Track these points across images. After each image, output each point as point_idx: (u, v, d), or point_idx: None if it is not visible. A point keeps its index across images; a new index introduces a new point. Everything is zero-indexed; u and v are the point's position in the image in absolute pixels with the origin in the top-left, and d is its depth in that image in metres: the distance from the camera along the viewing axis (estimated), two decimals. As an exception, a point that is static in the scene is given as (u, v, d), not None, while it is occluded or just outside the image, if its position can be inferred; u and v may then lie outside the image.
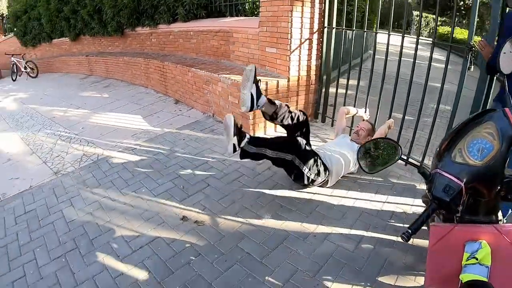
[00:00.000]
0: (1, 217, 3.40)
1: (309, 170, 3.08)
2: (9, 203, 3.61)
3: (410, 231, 1.47)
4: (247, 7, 6.57)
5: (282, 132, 4.46)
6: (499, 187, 1.52)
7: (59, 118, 6.17)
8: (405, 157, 1.97)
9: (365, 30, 4.04)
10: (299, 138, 3.07)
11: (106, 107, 6.41)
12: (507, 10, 2.80)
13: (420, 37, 3.43)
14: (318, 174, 3.14)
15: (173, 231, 2.86)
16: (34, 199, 3.60)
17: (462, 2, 25.52)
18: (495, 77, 2.90)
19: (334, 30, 4.32)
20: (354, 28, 4.10)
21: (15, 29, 13.93)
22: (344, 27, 4.19)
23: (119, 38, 9.08)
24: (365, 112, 3.97)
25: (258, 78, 3.08)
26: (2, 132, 6.00)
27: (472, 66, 7.96)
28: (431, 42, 3.35)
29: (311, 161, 3.08)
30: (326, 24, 4.36)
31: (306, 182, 3.17)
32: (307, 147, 3.12)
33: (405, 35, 3.45)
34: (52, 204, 3.44)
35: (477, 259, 1.41)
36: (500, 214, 1.61)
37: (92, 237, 2.89)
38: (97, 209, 3.26)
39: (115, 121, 5.53)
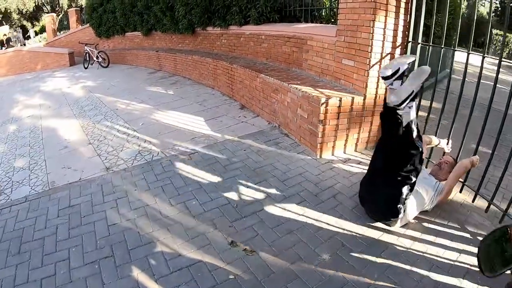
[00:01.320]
0: (45, 207, 3.42)
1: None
2: (56, 193, 3.63)
3: None
4: (323, 14, 6.22)
5: (350, 154, 4.18)
6: None
7: (121, 111, 6.26)
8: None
9: (456, 48, 3.48)
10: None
11: (169, 105, 6.40)
12: None
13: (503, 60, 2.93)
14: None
15: (218, 256, 2.62)
16: (81, 193, 3.58)
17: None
18: None
19: (419, 46, 3.85)
20: (442, 46, 3.57)
21: (91, 20, 14.67)
22: (431, 43, 3.67)
23: (190, 36, 9.16)
24: (447, 144, 3.50)
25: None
26: (65, 119, 6.25)
27: None
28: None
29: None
30: (410, 39, 3.90)
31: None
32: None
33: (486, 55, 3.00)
34: (97, 202, 3.39)
35: None
36: None
37: (130, 247, 2.76)
38: (141, 216, 3.13)
39: (175, 121, 5.47)
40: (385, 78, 2.76)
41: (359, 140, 4.24)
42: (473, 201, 3.31)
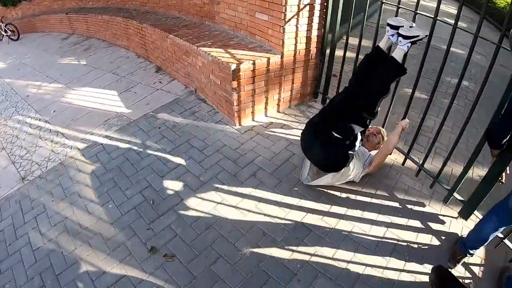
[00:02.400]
0: (-29, 239, 3.09)
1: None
2: (-22, 222, 3.27)
3: None
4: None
5: (273, 116, 3.94)
6: None
7: (33, 97, 5.57)
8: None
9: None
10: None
11: (82, 80, 5.74)
12: None
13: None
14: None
15: (140, 267, 2.45)
16: (2, 216, 3.22)
17: None
18: None
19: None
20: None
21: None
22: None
23: (99, -10, 8.09)
24: None
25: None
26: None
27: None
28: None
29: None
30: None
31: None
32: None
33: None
34: (18, 224, 3.06)
35: None
36: None
37: (58, 271, 2.55)
38: (62, 232, 2.86)
39: (88, 100, 4.93)
40: (405, 37, 2.52)
41: (281, 100, 3.96)
42: (403, 163, 3.21)
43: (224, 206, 2.84)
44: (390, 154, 3.12)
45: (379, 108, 2.66)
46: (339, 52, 3.80)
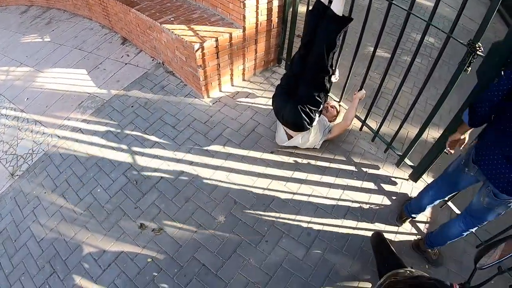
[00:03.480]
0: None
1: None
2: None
3: None
4: None
5: (239, 85, 4.20)
6: None
7: (3, 85, 5.69)
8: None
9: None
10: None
11: (49, 60, 5.86)
12: None
13: None
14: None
15: (134, 243, 2.90)
16: (1, 215, 3.56)
17: None
18: None
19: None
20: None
21: None
22: None
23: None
24: (334, 73, 3.26)
25: None
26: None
27: None
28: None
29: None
30: None
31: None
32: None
33: None
34: (18, 220, 3.41)
35: None
36: None
37: (64, 257, 2.96)
38: (60, 221, 3.24)
39: (59, 83, 5.09)
40: None
41: (246, 70, 4.18)
42: (360, 129, 3.49)
43: (199, 179, 3.24)
44: (348, 126, 3.38)
45: (334, 62, 2.87)
46: (302, 8, 3.93)
